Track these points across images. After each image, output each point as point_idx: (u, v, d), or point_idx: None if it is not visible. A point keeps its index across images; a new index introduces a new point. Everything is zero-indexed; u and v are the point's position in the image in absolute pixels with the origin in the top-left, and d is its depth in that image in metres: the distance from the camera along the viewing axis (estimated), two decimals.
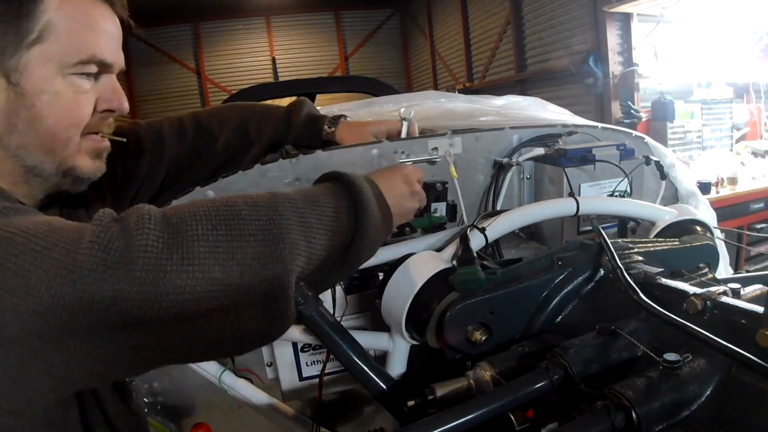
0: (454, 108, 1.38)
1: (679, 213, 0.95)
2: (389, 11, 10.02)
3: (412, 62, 10.03)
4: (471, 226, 0.82)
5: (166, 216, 0.53)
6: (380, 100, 1.65)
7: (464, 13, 7.69)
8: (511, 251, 1.11)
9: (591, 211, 0.93)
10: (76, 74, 0.70)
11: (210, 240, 0.53)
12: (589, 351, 0.61)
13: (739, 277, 0.87)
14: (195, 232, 0.53)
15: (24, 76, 0.66)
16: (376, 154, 1.05)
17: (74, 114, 0.71)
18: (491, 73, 7.16)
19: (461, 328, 0.70)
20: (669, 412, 0.52)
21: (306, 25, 9.73)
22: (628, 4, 4.25)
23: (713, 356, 0.54)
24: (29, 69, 0.66)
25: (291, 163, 0.99)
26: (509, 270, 0.77)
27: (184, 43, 9.36)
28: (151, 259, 0.50)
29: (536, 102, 1.47)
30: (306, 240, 0.59)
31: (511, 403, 0.57)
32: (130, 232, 0.51)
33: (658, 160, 1.14)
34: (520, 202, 1.19)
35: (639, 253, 0.79)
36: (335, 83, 4.84)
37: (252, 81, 8.31)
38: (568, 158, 1.08)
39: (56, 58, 0.67)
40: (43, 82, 0.67)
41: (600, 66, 4.68)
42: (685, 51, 4.53)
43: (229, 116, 1.12)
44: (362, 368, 0.75)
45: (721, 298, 0.60)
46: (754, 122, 4.62)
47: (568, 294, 0.75)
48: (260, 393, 0.94)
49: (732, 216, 3.48)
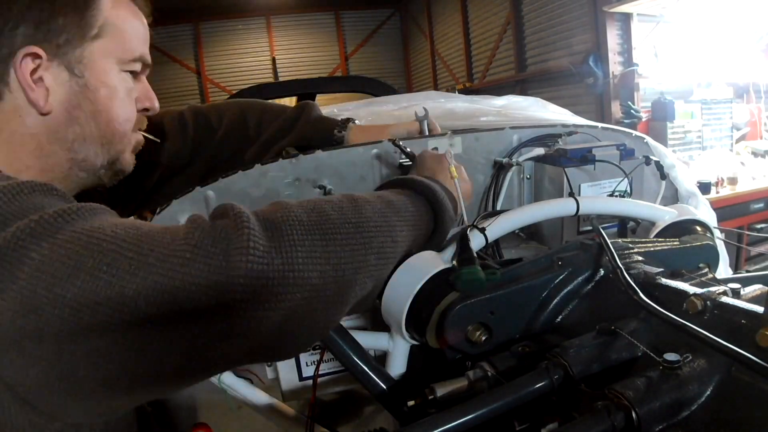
0: (454, 108, 1.38)
1: (679, 213, 0.95)
2: (389, 11, 10.03)
3: (412, 62, 10.03)
4: (471, 226, 0.82)
5: (260, 219, 0.51)
6: (380, 100, 1.65)
7: (464, 13, 7.69)
8: (511, 251, 1.11)
9: (591, 211, 0.93)
10: (126, 72, 0.73)
11: (306, 245, 0.51)
12: (589, 351, 0.61)
13: (739, 277, 0.86)
14: (291, 237, 0.50)
15: (87, 68, 0.68)
16: (375, 155, 1.05)
17: (129, 109, 0.74)
18: (491, 73, 7.16)
19: (461, 328, 0.70)
20: (669, 412, 0.52)
21: (306, 25, 9.73)
22: (628, 4, 4.25)
23: (713, 356, 0.54)
24: (92, 62, 0.68)
25: (291, 163, 0.99)
26: (509, 270, 0.76)
27: (184, 43, 9.36)
28: (254, 264, 0.46)
29: (536, 102, 1.47)
30: (392, 240, 0.60)
31: (511, 403, 0.57)
32: (229, 235, 0.47)
33: (658, 160, 1.14)
34: (520, 202, 1.19)
35: (639, 253, 0.79)
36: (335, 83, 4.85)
37: (252, 81, 8.31)
38: (568, 158, 1.08)
39: (114, 54, 0.70)
40: (104, 76, 0.70)
41: (600, 66, 4.68)
42: (685, 51, 4.53)
43: (227, 110, 1.12)
44: (362, 368, 0.75)
45: (721, 298, 0.60)
46: (754, 122, 4.62)
47: (568, 294, 0.75)
48: (260, 393, 0.94)
49: (732, 216, 3.48)
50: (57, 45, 0.65)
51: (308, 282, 0.50)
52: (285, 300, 0.48)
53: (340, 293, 0.53)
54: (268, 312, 0.47)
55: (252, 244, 0.47)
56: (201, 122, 1.09)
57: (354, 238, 0.55)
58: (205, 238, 0.47)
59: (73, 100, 0.68)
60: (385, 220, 0.60)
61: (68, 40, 0.66)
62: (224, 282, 0.45)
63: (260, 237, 0.48)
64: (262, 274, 0.47)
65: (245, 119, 1.10)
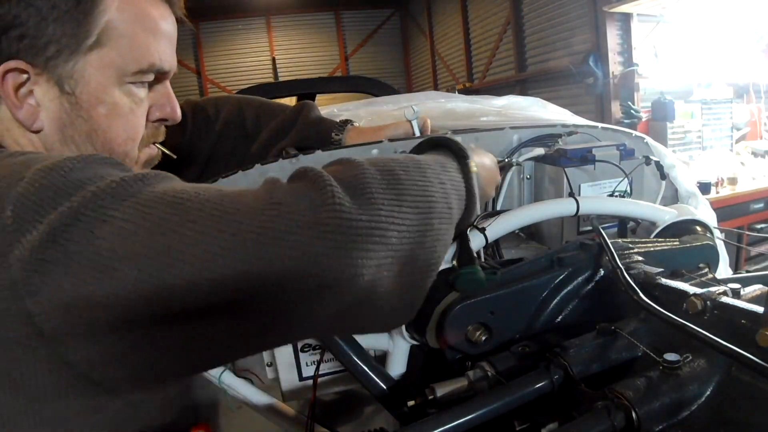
0: (454, 108, 1.38)
1: (679, 213, 0.95)
2: (389, 11, 10.03)
3: (412, 62, 10.03)
4: (471, 226, 0.82)
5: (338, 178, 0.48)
6: (380, 100, 1.65)
7: (464, 13, 7.69)
8: (511, 251, 1.11)
9: (591, 211, 0.93)
10: (133, 83, 0.64)
11: (386, 205, 0.49)
12: (589, 351, 0.61)
13: (739, 277, 0.87)
14: (372, 196, 0.48)
15: (80, 84, 0.60)
16: (375, 155, 1.05)
17: (132, 127, 0.66)
18: (491, 73, 7.16)
19: (461, 328, 0.70)
20: (669, 412, 0.52)
21: (306, 25, 9.74)
22: (628, 4, 4.25)
23: (713, 356, 0.54)
24: (86, 77, 0.60)
25: (291, 163, 0.99)
26: (509, 270, 0.76)
27: (184, 43, 9.36)
28: (342, 220, 0.45)
29: (536, 102, 1.47)
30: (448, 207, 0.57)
31: (511, 403, 0.57)
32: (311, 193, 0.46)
33: (658, 160, 1.14)
34: (520, 202, 1.19)
35: (639, 253, 0.79)
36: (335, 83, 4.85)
37: (252, 81, 8.31)
38: (568, 158, 1.08)
39: (115, 65, 0.61)
40: (101, 92, 0.61)
41: (600, 66, 4.68)
42: (685, 51, 4.53)
43: (225, 103, 1.11)
44: (362, 368, 0.75)
45: (721, 298, 0.60)
46: (754, 122, 4.62)
47: (568, 294, 0.75)
48: (260, 393, 0.94)
49: (732, 216, 3.48)
50: (45, 58, 0.57)
51: (390, 241, 0.48)
52: (372, 258, 0.46)
53: (413, 256, 0.51)
54: (357, 269, 0.45)
55: (338, 200, 0.46)
56: (199, 115, 1.07)
57: (422, 201, 0.53)
58: (288, 196, 0.45)
59: (65, 118, 0.61)
60: (443, 187, 0.58)
61: (59, 51, 0.57)
62: (313, 236, 0.43)
63: (344, 195, 0.47)
64: (351, 230, 0.45)
65: (243, 113, 1.09)
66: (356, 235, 0.45)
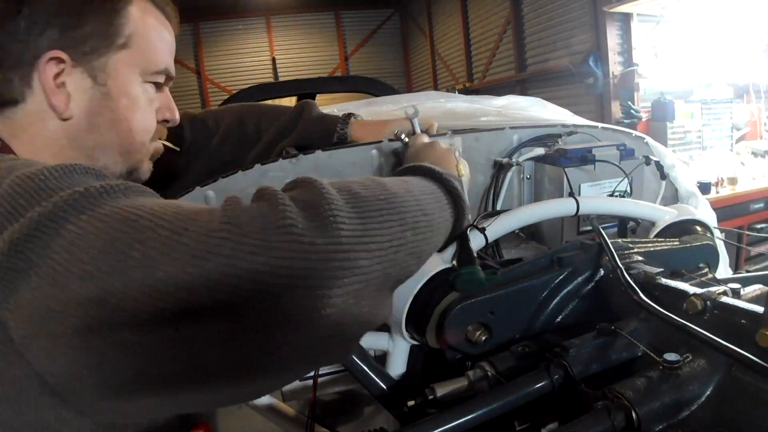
0: (454, 108, 1.38)
1: (679, 213, 0.95)
2: (389, 11, 10.02)
3: (412, 62, 10.03)
4: (471, 226, 0.82)
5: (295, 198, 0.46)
6: (380, 100, 1.65)
7: (464, 13, 7.69)
8: (511, 251, 1.11)
9: (591, 211, 0.93)
10: (149, 83, 0.73)
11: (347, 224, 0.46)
12: (589, 351, 0.61)
13: (739, 277, 0.87)
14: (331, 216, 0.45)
15: (111, 77, 0.68)
16: (375, 155, 1.05)
17: (148, 120, 0.75)
18: (491, 73, 7.16)
19: (461, 328, 0.70)
20: (669, 412, 0.52)
21: (306, 25, 9.73)
22: (628, 4, 4.24)
23: (713, 356, 0.54)
24: (115, 71, 0.68)
25: (291, 163, 0.99)
26: (509, 270, 0.77)
27: (184, 43, 9.35)
28: (295, 243, 0.42)
29: (536, 102, 1.47)
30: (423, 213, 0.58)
31: (511, 403, 0.57)
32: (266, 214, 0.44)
33: (658, 160, 1.14)
34: (520, 202, 1.19)
35: (639, 253, 0.79)
36: (335, 83, 4.85)
37: (252, 81, 8.31)
38: (568, 158, 1.08)
39: (138, 64, 0.71)
40: (126, 86, 0.70)
41: (600, 66, 4.68)
42: (685, 51, 4.53)
43: (225, 114, 1.12)
44: (362, 368, 0.75)
45: (721, 298, 0.60)
46: (754, 122, 4.62)
47: (568, 294, 0.75)
48: None
49: (732, 216, 3.48)
50: (82, 52, 0.65)
51: (358, 264, 0.45)
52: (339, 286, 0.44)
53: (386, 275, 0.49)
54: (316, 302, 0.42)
55: (290, 221, 0.43)
56: (198, 127, 1.08)
57: (388, 214, 0.51)
58: (241, 217, 0.43)
59: (94, 107, 0.68)
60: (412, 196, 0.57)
61: (94, 47, 0.66)
62: (262, 263, 0.41)
63: (298, 215, 0.44)
64: (304, 255, 0.42)
65: (243, 122, 1.10)
66: (313, 261, 0.42)
